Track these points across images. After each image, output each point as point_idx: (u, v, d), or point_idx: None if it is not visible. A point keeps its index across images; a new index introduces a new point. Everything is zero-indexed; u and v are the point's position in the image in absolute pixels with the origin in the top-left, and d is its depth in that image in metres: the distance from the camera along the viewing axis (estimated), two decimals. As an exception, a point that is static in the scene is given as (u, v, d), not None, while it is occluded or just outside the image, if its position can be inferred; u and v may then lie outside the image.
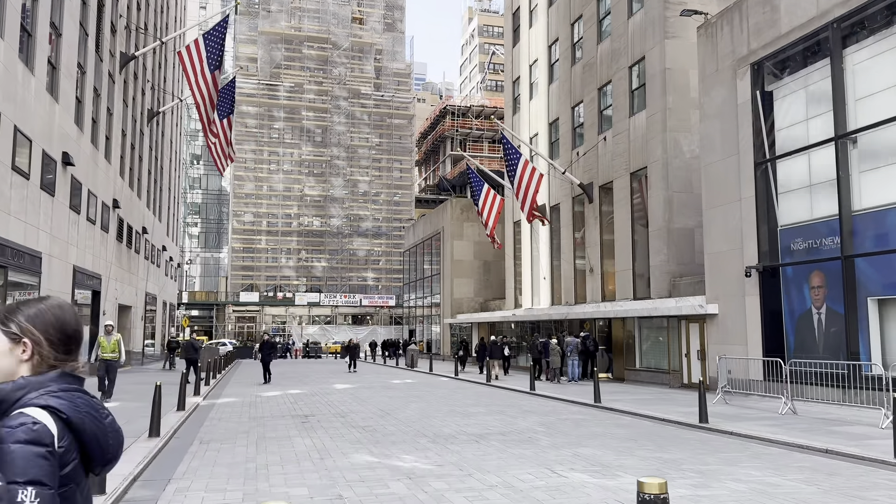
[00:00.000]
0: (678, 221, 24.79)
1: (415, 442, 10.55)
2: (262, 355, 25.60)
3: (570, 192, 32.19)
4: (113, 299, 29.84)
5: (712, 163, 20.30)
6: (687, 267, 24.58)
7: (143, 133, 36.37)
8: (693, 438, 11.30)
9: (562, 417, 13.99)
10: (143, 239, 36.88)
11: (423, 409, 15.54)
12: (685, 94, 25.33)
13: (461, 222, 45.94)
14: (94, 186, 25.80)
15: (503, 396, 19.36)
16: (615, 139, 28.23)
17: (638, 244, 26.80)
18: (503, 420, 13.44)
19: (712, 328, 20.00)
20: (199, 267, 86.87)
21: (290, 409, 15.65)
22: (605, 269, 29.19)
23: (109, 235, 28.77)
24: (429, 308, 51.64)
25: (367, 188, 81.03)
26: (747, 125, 18.79)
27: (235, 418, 13.83)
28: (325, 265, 79.98)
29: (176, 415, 13.83)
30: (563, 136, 33.33)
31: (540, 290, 35.47)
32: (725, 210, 19.58)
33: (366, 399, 18.03)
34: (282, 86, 78.71)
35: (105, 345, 15.95)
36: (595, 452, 9.61)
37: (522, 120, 38.15)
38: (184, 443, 10.72)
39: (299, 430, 11.92)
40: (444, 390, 21.42)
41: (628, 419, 14.00)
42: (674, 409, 15.28)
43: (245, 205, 77.87)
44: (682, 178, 25.05)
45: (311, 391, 20.76)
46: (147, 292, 38.92)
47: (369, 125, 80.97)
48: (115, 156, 29.67)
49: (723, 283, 19.59)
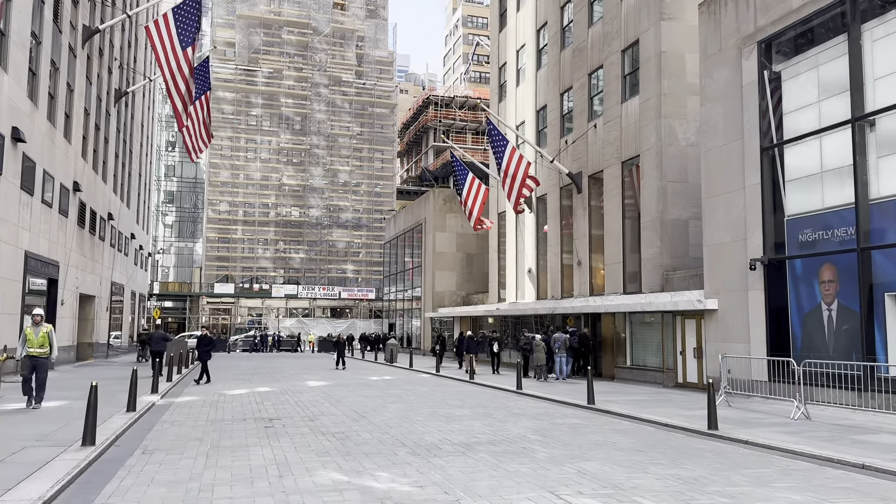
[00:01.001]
0: (672, 212, 23.60)
1: (392, 454, 9.15)
2: (198, 352, 21.99)
3: (557, 182, 30.91)
4: (73, 288, 28.04)
5: (713, 148, 19.07)
6: (681, 260, 23.41)
7: (109, 114, 34.47)
8: (706, 449, 10.02)
9: (556, 422, 12.66)
10: (108, 225, 35.01)
11: (402, 411, 14.14)
12: (681, 79, 24.11)
13: (444, 213, 44.52)
14: (50, 166, 24.01)
15: (489, 396, 18.01)
16: (606, 126, 26.97)
17: (629, 236, 25.59)
18: (491, 425, 12.08)
19: (711, 325, 18.81)
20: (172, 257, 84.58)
21: (255, 410, 14.17)
22: (594, 262, 27.97)
23: (69, 220, 26.96)
24: (409, 302, 50.22)
25: (347, 178, 79.27)
26: (753, 108, 17.56)
27: (191, 421, 12.32)
28: (303, 257, 78.17)
29: (123, 417, 12.28)
30: (551, 123, 32.01)
31: (524, 284, 34.19)
32: (727, 199, 18.36)
33: (340, 399, 16.58)
34: (260, 71, 76.61)
35: (32, 338, 13.36)
36: (602, 468, 8.28)
37: (509, 107, 36.78)
38: (123, 453, 9.23)
39: (260, 438, 10.46)
40: (425, 388, 20.04)
41: (628, 424, 12.70)
42: (675, 413, 14.03)
43: (221, 193, 75.77)
44: (677, 167, 23.85)
45: (281, 389, 19.27)
46: (113, 282, 37.07)
47: (350, 113, 79.16)
48: (77, 135, 27.83)
49: (723, 277, 18.40)
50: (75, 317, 28.91)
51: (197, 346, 22.32)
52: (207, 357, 21.79)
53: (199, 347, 22.03)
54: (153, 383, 17.07)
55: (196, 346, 22.32)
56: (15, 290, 20.85)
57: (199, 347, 22.03)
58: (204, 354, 21.70)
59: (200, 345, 22.03)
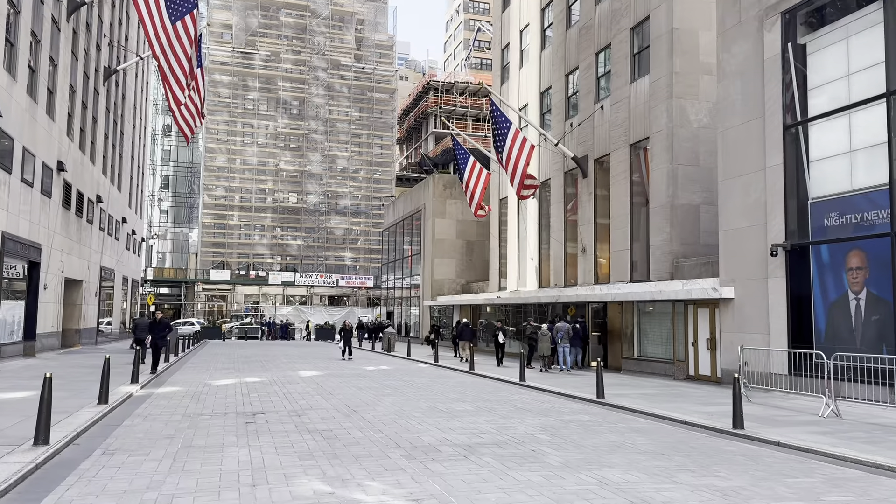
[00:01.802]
0: (683, 197, 22.49)
1: (385, 456, 8.09)
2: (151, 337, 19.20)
3: (561, 166, 29.76)
4: (57, 272, 26.94)
5: (731, 127, 17.94)
6: (691, 247, 22.33)
7: (98, 93, 33.24)
8: (735, 452, 8.98)
9: (564, 419, 11.61)
10: (97, 208, 33.85)
11: (398, 405, 13.08)
12: (694, 58, 22.94)
13: (444, 199, 43.36)
14: (31, 144, 22.85)
15: (491, 388, 16.97)
16: (614, 108, 25.79)
17: (636, 222, 24.49)
18: (495, 422, 11.02)
19: (726, 314, 17.75)
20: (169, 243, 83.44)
21: (238, 403, 13.11)
22: (599, 249, 26.88)
23: (52, 201, 25.82)
24: (408, 290, 49.15)
25: (345, 164, 77.99)
26: (775, 83, 16.41)
27: (166, 415, 11.27)
28: (300, 244, 77.04)
29: (92, 411, 11.22)
30: (555, 106, 30.82)
31: (526, 272, 33.12)
32: (746, 181, 17.25)
33: (332, 391, 15.53)
34: (257, 54, 75.15)
35: None
36: (624, 477, 7.22)
37: (511, 90, 35.54)
38: (80, 453, 8.17)
39: (239, 436, 9.40)
40: (422, 379, 19.01)
41: (644, 421, 11.66)
42: (693, 409, 12.99)
43: (217, 178, 74.54)
44: (689, 150, 22.72)
45: (270, 379, 18.22)
46: (103, 266, 35.96)
47: (349, 98, 77.76)
48: (61, 113, 26.64)
49: (741, 264, 17.32)
50: (60, 302, 27.82)
51: (150, 330, 19.40)
52: (163, 344, 19.65)
53: (152, 332, 19.23)
54: (133, 372, 16.01)
55: (149, 331, 19.38)
56: (-9, 273, 19.79)
57: (152, 332, 19.23)
58: (160, 340, 19.22)
59: (154, 329, 19.21)
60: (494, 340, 25.94)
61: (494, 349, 25.96)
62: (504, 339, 25.77)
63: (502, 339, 25.61)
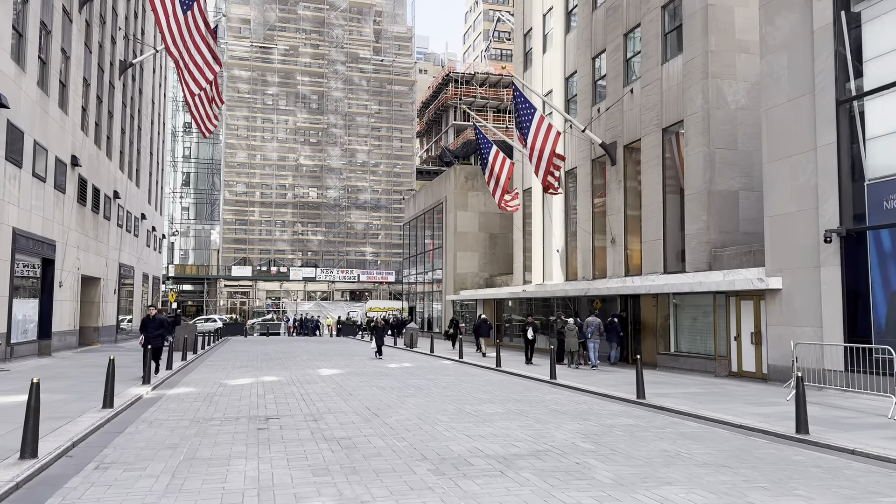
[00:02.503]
0: (720, 183, 21.25)
1: (409, 471, 7.14)
2: (144, 337, 16.65)
3: (588, 153, 28.59)
4: (73, 269, 26.39)
5: (777, 105, 16.70)
6: (730, 236, 21.11)
7: (113, 87, 32.68)
8: (807, 462, 7.90)
9: (605, 422, 10.58)
10: (114, 204, 33.34)
11: (422, 407, 12.14)
12: (730, 35, 21.67)
13: (465, 191, 42.31)
14: (43, 137, 22.23)
15: (520, 388, 15.97)
16: (644, 91, 24.57)
17: (670, 211, 23.29)
18: (530, 427, 10.03)
19: (773, 307, 16.54)
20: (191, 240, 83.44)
21: (253, 406, 12.25)
22: (630, 240, 25.71)
23: (67, 196, 25.23)
24: (430, 284, 48.23)
25: (365, 158, 77.21)
26: (826, 55, 15.16)
27: (174, 421, 10.43)
28: (321, 239, 76.51)
29: (94, 416, 10.42)
30: (581, 91, 29.62)
31: (552, 265, 32.02)
32: (794, 162, 16.02)
33: (352, 391, 14.63)
34: (276, 48, 74.56)
35: None
36: (690, 498, 6.20)
37: (535, 76, 34.36)
38: (71, 467, 7.33)
39: (249, 445, 8.51)
40: (447, 378, 18.06)
41: (694, 425, 10.59)
42: (745, 410, 11.88)
43: (237, 174, 74.16)
44: (726, 133, 21.48)
45: (288, 379, 17.38)
46: (122, 263, 35.49)
47: (368, 91, 76.90)
48: (75, 106, 26.03)
49: (789, 252, 16.10)
50: (77, 300, 27.29)
51: (141, 328, 16.86)
52: (159, 344, 16.90)
53: (144, 331, 16.67)
54: (145, 373, 15.23)
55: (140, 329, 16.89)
56: (2, 271, 19.16)
57: (144, 331, 16.67)
58: (155, 340, 16.55)
59: (146, 328, 16.64)
60: (523, 336, 24.46)
61: (524, 345, 24.60)
62: (534, 334, 24.27)
63: (532, 335, 24.06)
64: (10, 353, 19.77)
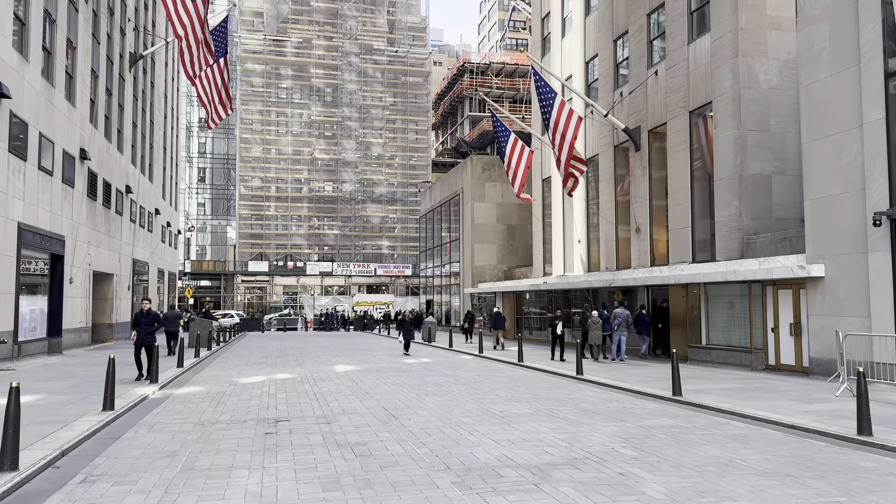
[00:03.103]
0: (752, 167, 20.19)
1: (431, 484, 6.32)
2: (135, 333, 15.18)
3: (611, 140, 27.59)
4: (84, 265, 25.88)
5: (818, 80, 15.63)
6: (763, 222, 20.06)
7: (124, 79, 32.12)
8: (880, 470, 6.97)
9: (643, 423, 9.70)
10: (127, 199, 32.84)
11: (443, 407, 11.31)
12: (760, 11, 20.57)
13: (482, 182, 41.36)
14: (49, 130, 21.65)
15: (545, 384, 15.10)
16: (670, 72, 23.51)
17: (698, 197, 22.27)
18: (562, 430, 9.17)
19: (815, 296, 15.51)
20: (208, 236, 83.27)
21: (263, 406, 11.50)
22: (655, 228, 24.70)
23: (76, 191, 24.69)
24: (447, 277, 47.41)
25: (380, 151, 76.44)
26: (873, 25, 14.07)
27: (176, 425, 9.69)
28: (337, 233, 75.93)
29: (92, 420, 9.71)
30: (602, 75, 28.57)
31: (573, 256, 31.05)
32: (837, 141, 14.97)
33: (368, 390, 13.85)
34: (289, 41, 73.88)
35: None
36: (757, 516, 5.31)
37: (553, 62, 33.32)
38: (55, 482, 6.59)
39: (254, 453, 7.73)
40: (468, 374, 17.23)
41: (740, 425, 9.67)
42: (793, 408, 10.93)
43: (252, 169, 73.70)
44: (758, 114, 20.40)
45: (302, 376, 16.65)
46: (135, 259, 35.04)
47: (382, 83, 76.03)
48: (83, 98, 25.46)
49: (832, 238, 15.07)
50: (88, 296, 26.80)
51: (133, 324, 15.31)
52: (152, 341, 14.94)
53: (136, 327, 15.15)
54: (152, 371, 14.56)
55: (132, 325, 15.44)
56: (7, 267, 18.60)
57: (136, 327, 15.15)
58: (148, 338, 14.97)
59: (139, 323, 15.12)
60: (551, 331, 22.84)
61: (550, 340, 22.86)
62: (562, 329, 22.26)
63: (560, 330, 22.00)
64: (18, 352, 19.24)
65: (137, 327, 15.12)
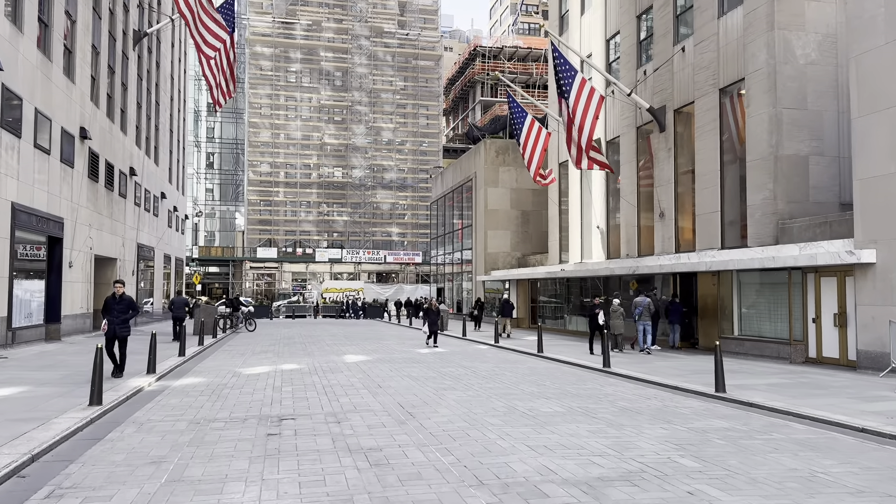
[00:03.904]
0: (788, 147, 18.94)
1: (463, 504, 5.25)
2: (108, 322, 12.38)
3: (633, 121, 26.33)
4: (85, 249, 24.94)
5: (870, 50, 14.35)
6: (799, 206, 18.84)
7: (127, 57, 31.05)
8: None
9: (693, 426, 8.59)
10: (131, 181, 31.86)
11: (465, 404, 10.24)
12: (798, -20, 19.28)
13: (496, 167, 40.12)
14: (45, 106, 20.63)
15: (571, 377, 14.02)
16: (698, 48, 22.23)
17: (728, 180, 21.06)
18: (603, 432, 8.08)
19: (865, 283, 14.32)
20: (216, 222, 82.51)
21: (266, 401, 10.48)
22: (681, 213, 23.51)
23: (76, 171, 23.70)
24: (459, 265, 46.31)
25: (391, 136, 75.22)
26: (938, -13, 12.80)
27: (169, 423, 8.67)
28: (346, 219, 74.94)
29: (74, 417, 8.70)
30: (624, 53, 27.26)
31: (592, 243, 29.88)
32: (893, 115, 13.72)
33: (381, 382, 12.81)
34: (298, 24, 72.61)
35: None
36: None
37: (572, 40, 31.99)
38: (14, 496, 5.57)
39: (252, 460, 6.69)
40: (486, 365, 16.17)
41: (801, 428, 8.56)
42: (854, 407, 9.80)
43: (261, 154, 72.67)
44: (794, 91, 19.13)
45: (311, 366, 15.64)
46: (140, 244, 34.11)
47: (393, 67, 74.70)
48: (83, 75, 24.42)
49: (886, 220, 13.85)
50: (89, 281, 25.88)
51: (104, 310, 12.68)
52: (126, 332, 12.65)
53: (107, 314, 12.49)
54: (150, 360, 13.58)
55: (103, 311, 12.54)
56: (1, 249, 17.64)
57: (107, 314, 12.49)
58: (121, 328, 12.49)
59: (110, 310, 12.50)
60: (590, 321, 19.40)
61: (589, 333, 19.55)
62: (604, 319, 19.33)
63: (602, 320, 19.11)
64: (12, 339, 18.32)
65: (108, 315, 12.49)
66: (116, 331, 12.51)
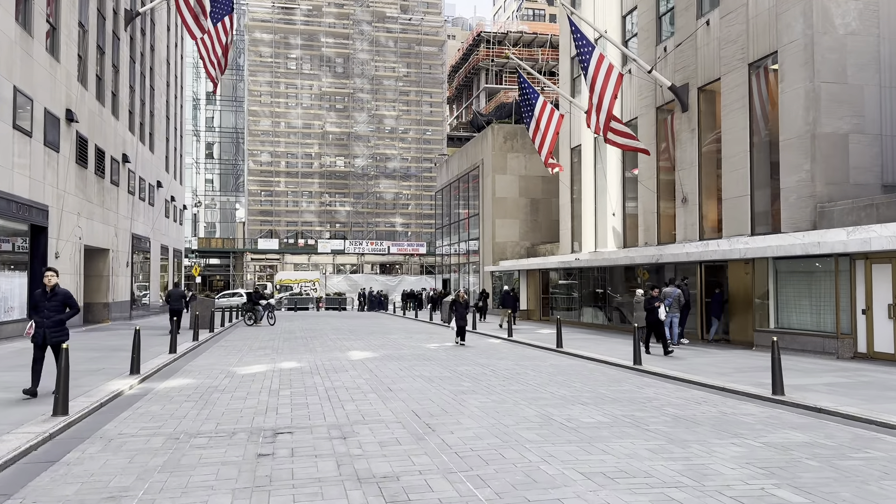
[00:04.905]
0: (827, 124, 17.50)
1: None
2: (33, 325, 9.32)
3: (652, 101, 24.87)
4: (73, 238, 23.56)
5: (935, 11, 12.87)
6: (839, 188, 17.42)
7: (118, 38, 29.57)
8: None
9: (768, 440, 7.19)
10: (124, 169, 30.45)
11: (491, 413, 8.84)
12: (837, -55, 17.79)
13: (504, 153, 38.62)
14: (25, 84, 19.20)
15: (601, 377, 12.63)
16: (724, 21, 20.75)
17: (758, 161, 19.62)
18: (666, 451, 6.69)
19: (927, 272, 12.90)
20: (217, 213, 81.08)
21: (260, 409, 9.09)
22: (705, 198, 22.09)
23: (62, 156, 22.29)
24: (465, 255, 44.89)
25: (394, 124, 73.63)
26: None
27: (143, 439, 7.30)
28: (349, 210, 73.47)
29: (29, 432, 7.31)
30: (642, 29, 25.75)
31: (606, 231, 28.46)
32: (963, 83, 12.26)
33: (391, 384, 11.42)
34: (298, 9, 70.91)
35: None
36: None
37: (585, 15, 30.39)
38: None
39: (235, 493, 5.31)
40: (504, 363, 14.79)
41: (892, 440, 7.16)
42: (947, 416, 8.40)
43: (261, 143, 71.10)
44: (833, 63, 17.68)
45: (312, 365, 14.27)
46: (135, 234, 32.75)
47: (395, 53, 73.02)
48: (69, 54, 22.97)
49: (953, 201, 12.43)
50: (79, 273, 24.51)
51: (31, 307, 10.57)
52: (60, 337, 9.24)
53: (36, 313, 9.44)
54: (133, 359, 12.20)
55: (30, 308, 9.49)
56: (-25, 238, 16.31)
57: (36, 313, 9.44)
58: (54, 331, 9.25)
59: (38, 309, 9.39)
60: (647, 316, 16.37)
61: (646, 333, 16.43)
62: (666, 313, 16.81)
63: (664, 315, 16.21)
64: (-9, 335, 17.01)
65: (37, 314, 9.36)
66: (47, 335, 9.21)
